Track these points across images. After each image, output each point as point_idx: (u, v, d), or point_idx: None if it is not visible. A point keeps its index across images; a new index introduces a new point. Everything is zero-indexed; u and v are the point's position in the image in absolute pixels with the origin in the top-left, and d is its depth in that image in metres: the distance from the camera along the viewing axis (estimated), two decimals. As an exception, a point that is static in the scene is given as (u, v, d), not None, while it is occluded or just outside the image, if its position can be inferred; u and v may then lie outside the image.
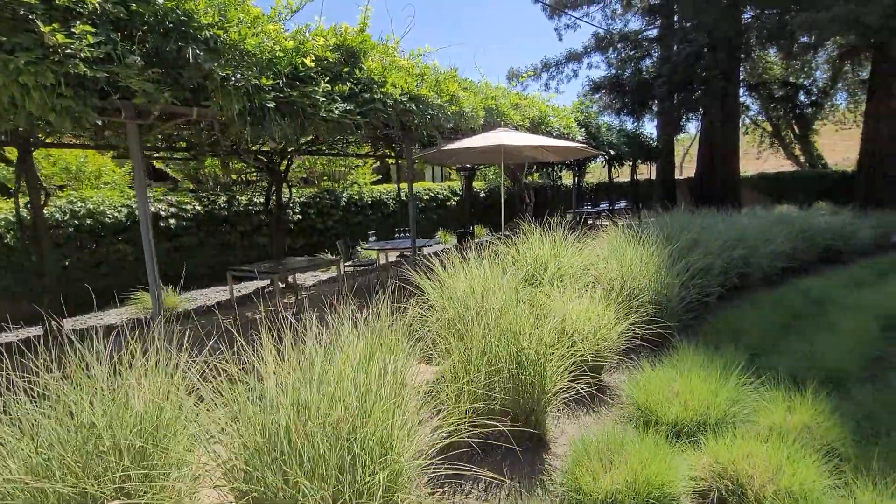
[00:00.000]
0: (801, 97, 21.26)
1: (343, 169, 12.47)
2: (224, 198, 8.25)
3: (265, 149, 6.67)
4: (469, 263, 3.39)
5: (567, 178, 20.15)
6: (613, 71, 18.80)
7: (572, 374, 2.75)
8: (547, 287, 3.88)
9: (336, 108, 4.01)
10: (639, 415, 2.89)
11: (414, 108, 4.92)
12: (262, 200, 8.44)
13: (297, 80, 3.89)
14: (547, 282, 4.12)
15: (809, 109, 20.45)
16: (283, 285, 6.84)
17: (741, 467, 2.17)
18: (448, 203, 13.76)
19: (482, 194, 14.27)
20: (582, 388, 2.74)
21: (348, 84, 4.25)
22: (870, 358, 3.47)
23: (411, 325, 2.50)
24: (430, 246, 8.17)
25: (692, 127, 22.34)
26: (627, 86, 14.90)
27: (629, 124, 16.92)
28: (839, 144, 29.59)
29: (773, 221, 7.10)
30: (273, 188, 7.32)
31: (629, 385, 3.09)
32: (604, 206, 17.03)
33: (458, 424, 2.04)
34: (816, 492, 2.01)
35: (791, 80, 17.71)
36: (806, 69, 20.37)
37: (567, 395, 2.74)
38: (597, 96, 19.38)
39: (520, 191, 8.43)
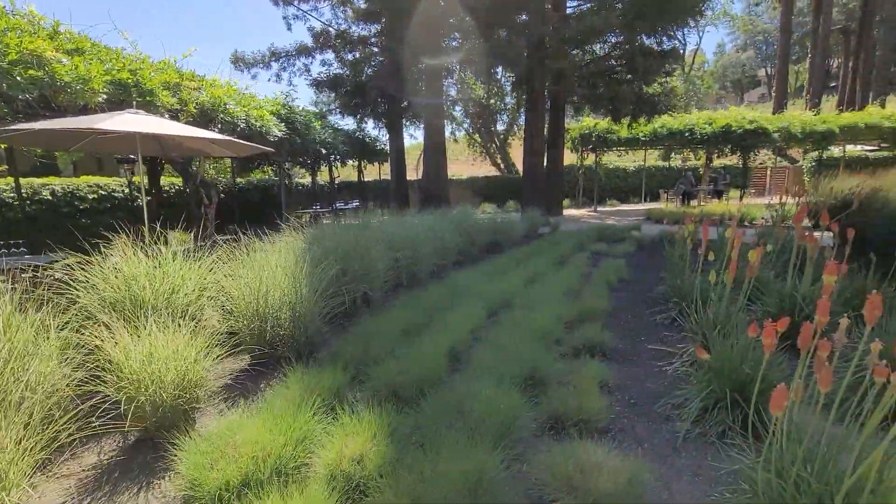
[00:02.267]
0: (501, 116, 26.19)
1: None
2: None
3: None
4: None
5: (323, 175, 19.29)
6: (342, 70, 18.81)
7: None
8: (120, 324, 2.88)
9: None
10: (186, 487, 2.22)
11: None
12: None
13: None
14: (145, 311, 3.12)
15: (501, 126, 25.38)
16: None
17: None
18: (134, 204, 10.99)
19: (183, 191, 11.97)
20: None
21: None
22: (459, 354, 3.72)
23: None
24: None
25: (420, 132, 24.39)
26: (346, 86, 14.99)
27: (353, 124, 17.19)
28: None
29: (445, 219, 7.88)
30: None
31: (190, 446, 2.40)
32: (339, 205, 16.91)
33: None
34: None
35: (490, 101, 21.32)
36: (500, 92, 25.07)
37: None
38: (326, 95, 19.02)
39: (195, 191, 7.02)
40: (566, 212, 19.37)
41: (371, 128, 17.57)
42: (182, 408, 2.70)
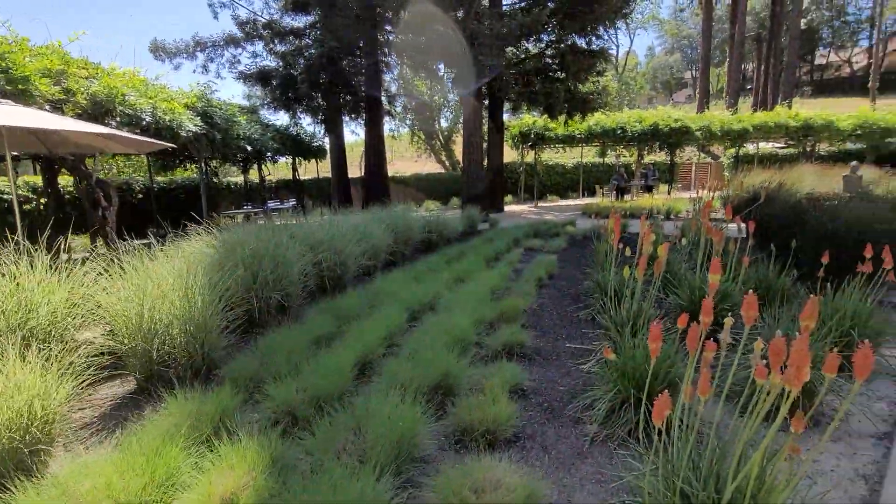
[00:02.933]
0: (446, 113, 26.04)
1: None
2: None
3: None
4: None
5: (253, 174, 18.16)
6: (274, 62, 17.87)
7: None
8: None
9: None
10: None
11: None
12: None
13: None
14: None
15: (445, 123, 25.30)
16: None
17: None
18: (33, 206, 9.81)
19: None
20: None
21: None
22: (370, 365, 3.50)
23: None
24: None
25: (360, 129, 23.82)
26: (276, 80, 14.22)
27: (286, 119, 16.39)
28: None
29: (377, 218, 7.60)
30: None
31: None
32: (273, 205, 16.09)
33: None
34: None
35: (433, 98, 21.12)
36: (443, 88, 24.90)
37: None
38: (259, 89, 18.00)
39: (89, 190, 6.27)
40: (508, 208, 19.61)
41: (308, 124, 16.84)
42: (24, 451, 2.28)
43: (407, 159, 38.86)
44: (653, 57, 72.31)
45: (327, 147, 19.05)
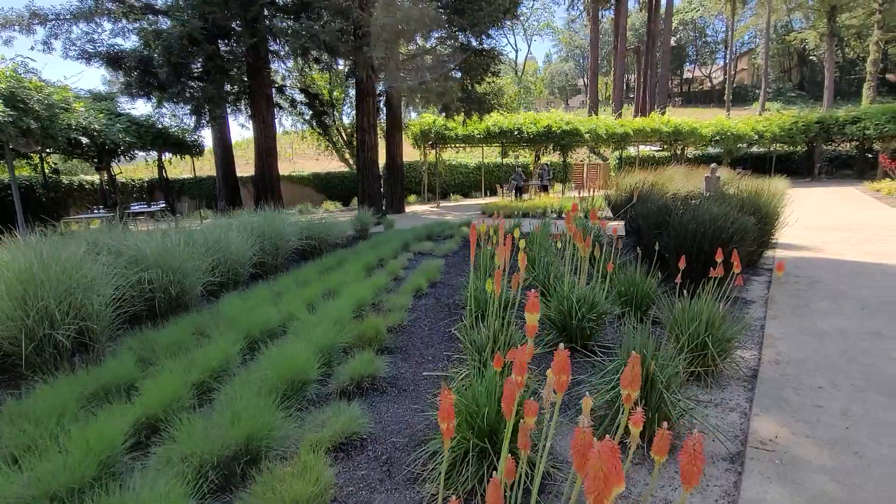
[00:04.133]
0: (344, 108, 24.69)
1: None
2: None
3: None
4: None
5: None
6: (136, 43, 15.42)
7: None
8: None
9: None
10: None
11: None
12: None
13: None
14: None
15: (347, 120, 24.11)
16: None
17: None
18: None
19: None
20: None
21: None
22: (155, 427, 2.68)
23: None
24: None
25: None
26: (128, 62, 12.17)
27: (147, 107, 14.22)
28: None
29: (241, 225, 6.60)
30: None
31: None
32: (136, 207, 13.88)
33: None
34: None
35: (318, 91, 19.86)
36: (342, 82, 23.60)
37: None
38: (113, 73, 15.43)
39: None
40: (411, 208, 19.16)
41: (175, 115, 14.71)
42: None
43: (308, 157, 36.74)
44: (550, 63, 76.86)
45: (207, 143, 17.02)
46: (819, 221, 10.25)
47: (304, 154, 38.36)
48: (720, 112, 41.53)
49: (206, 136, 18.56)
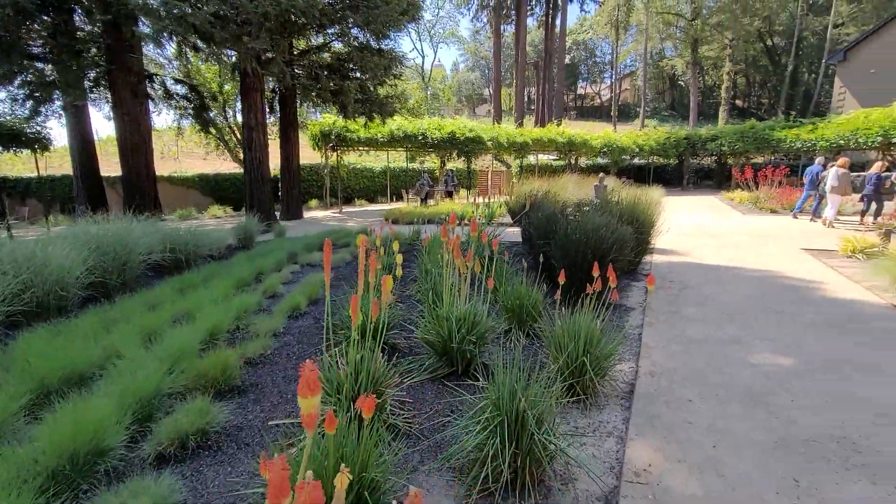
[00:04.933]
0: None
1: None
2: None
3: None
4: None
5: None
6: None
7: None
8: None
9: None
10: None
11: None
12: None
13: None
14: None
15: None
16: None
17: None
18: None
19: None
20: None
21: None
22: None
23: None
24: None
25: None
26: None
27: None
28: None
29: (75, 236, 5.40)
30: None
31: None
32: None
33: None
34: None
35: (204, 83, 17.90)
36: (222, 75, 21.43)
37: None
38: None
39: None
40: (311, 213, 18.03)
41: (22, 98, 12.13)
42: None
43: (197, 157, 33.22)
44: (457, 72, 78.76)
45: (58, 136, 14.34)
46: (688, 227, 11.36)
47: (191, 153, 34.64)
48: (608, 126, 45.60)
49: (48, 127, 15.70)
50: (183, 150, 35.04)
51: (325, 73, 12.33)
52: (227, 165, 30.18)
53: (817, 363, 3.48)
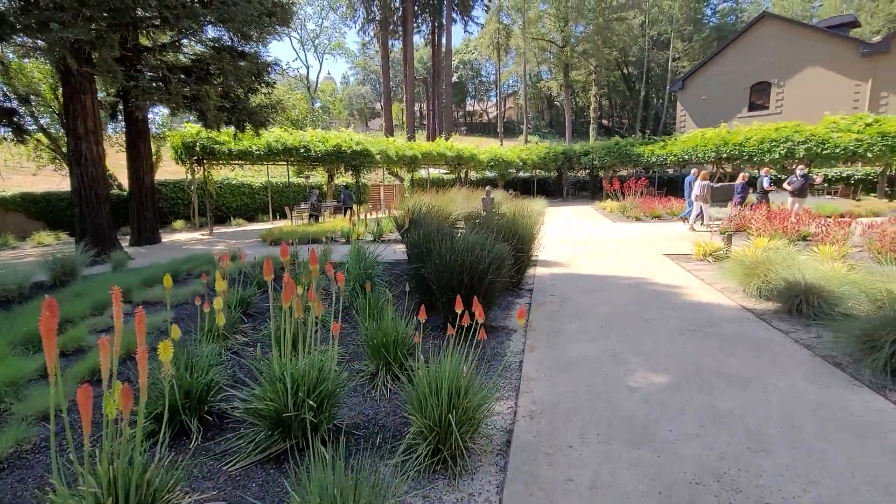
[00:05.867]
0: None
1: None
2: None
3: None
4: None
5: None
6: None
7: None
8: None
9: None
10: None
11: None
12: None
13: None
14: None
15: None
16: None
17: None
18: None
19: None
20: None
21: None
22: None
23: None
24: None
25: None
26: None
27: None
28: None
29: None
30: None
31: None
32: None
33: None
34: None
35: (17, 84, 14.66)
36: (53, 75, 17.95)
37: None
38: None
39: None
40: (173, 237, 15.66)
41: None
42: None
43: (26, 172, 27.51)
44: (348, 85, 77.28)
45: None
46: (568, 236, 11.87)
47: (19, 169, 28.58)
48: (495, 142, 47.92)
49: None
50: (7, 165, 28.75)
51: (180, 76, 10.68)
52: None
53: (689, 374, 3.42)
